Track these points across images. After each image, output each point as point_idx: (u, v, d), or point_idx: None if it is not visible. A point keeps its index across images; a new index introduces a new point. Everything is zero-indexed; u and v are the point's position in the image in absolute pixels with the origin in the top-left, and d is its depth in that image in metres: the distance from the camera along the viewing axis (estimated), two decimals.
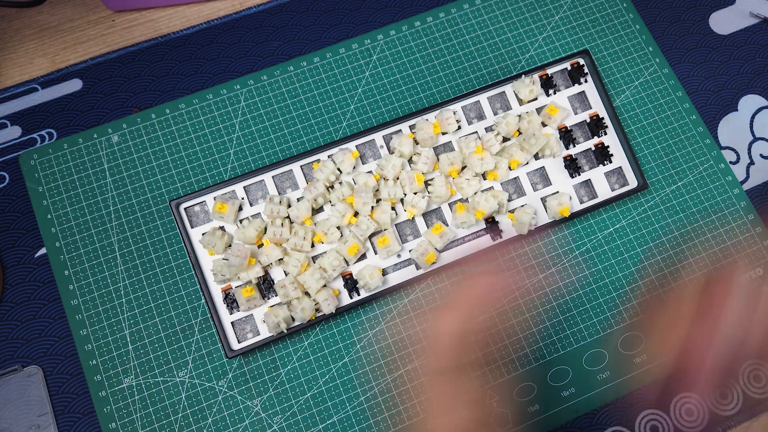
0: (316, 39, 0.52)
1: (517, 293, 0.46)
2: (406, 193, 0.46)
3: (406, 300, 0.47)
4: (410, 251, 0.46)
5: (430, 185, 0.46)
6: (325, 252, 0.45)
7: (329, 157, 0.47)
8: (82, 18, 0.52)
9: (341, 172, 0.46)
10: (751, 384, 0.46)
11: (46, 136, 0.49)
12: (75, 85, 0.50)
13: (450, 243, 0.46)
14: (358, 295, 0.45)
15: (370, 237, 0.46)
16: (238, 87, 0.50)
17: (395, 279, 0.46)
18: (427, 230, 0.46)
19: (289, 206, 0.45)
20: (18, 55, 0.51)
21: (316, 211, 0.46)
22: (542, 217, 0.47)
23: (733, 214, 0.50)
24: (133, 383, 0.44)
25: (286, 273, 0.44)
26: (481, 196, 0.45)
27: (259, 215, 0.46)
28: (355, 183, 0.46)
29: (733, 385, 0.46)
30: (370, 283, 0.44)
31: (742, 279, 0.38)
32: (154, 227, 0.47)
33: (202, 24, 0.52)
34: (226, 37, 0.52)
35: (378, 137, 0.48)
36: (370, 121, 0.50)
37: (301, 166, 0.47)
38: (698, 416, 0.45)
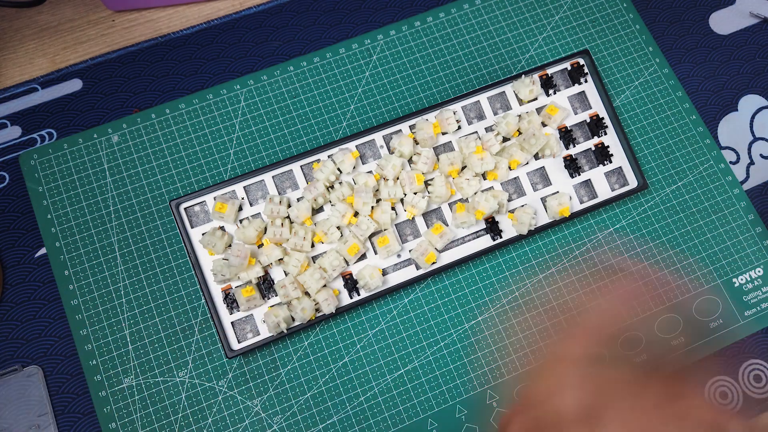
0: (316, 39, 0.52)
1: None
2: (406, 193, 0.46)
3: (406, 300, 0.47)
4: (410, 251, 0.46)
5: (430, 185, 0.46)
6: (325, 252, 0.45)
7: (329, 157, 0.47)
8: (82, 18, 0.52)
9: (341, 172, 0.46)
10: (751, 384, 0.46)
11: (46, 136, 0.49)
12: (75, 85, 0.50)
13: (450, 243, 0.46)
14: (358, 295, 0.45)
15: (370, 237, 0.46)
16: (238, 87, 0.50)
17: (395, 279, 0.46)
18: (427, 230, 0.46)
19: (289, 206, 0.45)
20: (18, 55, 0.51)
21: (316, 211, 0.46)
22: (542, 217, 0.47)
23: (733, 214, 0.50)
24: (133, 383, 0.44)
25: (286, 273, 0.44)
26: (481, 196, 0.45)
27: (259, 215, 0.46)
28: (355, 183, 0.46)
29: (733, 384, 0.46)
30: (370, 283, 0.44)
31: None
32: (154, 227, 0.47)
33: (202, 24, 0.52)
34: (226, 37, 0.52)
35: (378, 137, 0.48)
36: (370, 121, 0.50)
37: (301, 166, 0.47)
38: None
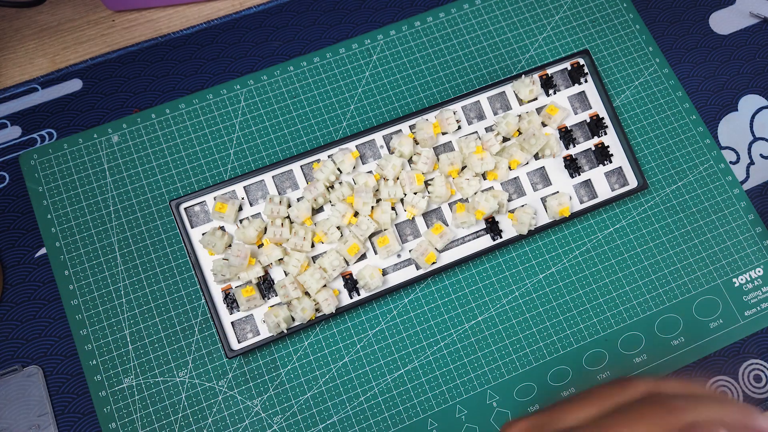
0: (316, 39, 0.52)
1: None
2: (406, 193, 0.46)
3: (406, 300, 0.47)
4: (410, 251, 0.46)
5: (430, 185, 0.46)
6: (325, 252, 0.45)
7: (329, 157, 0.47)
8: (82, 18, 0.52)
9: (341, 172, 0.46)
10: (751, 384, 0.46)
11: (46, 136, 0.49)
12: (75, 85, 0.50)
13: (450, 243, 0.46)
14: (358, 295, 0.45)
15: (370, 237, 0.46)
16: (238, 87, 0.50)
17: (395, 279, 0.46)
18: (427, 230, 0.46)
19: (289, 206, 0.45)
20: (18, 55, 0.51)
21: (316, 211, 0.46)
22: (542, 217, 0.47)
23: (733, 214, 0.50)
24: (133, 383, 0.44)
25: (286, 273, 0.44)
26: (481, 196, 0.45)
27: (259, 215, 0.46)
28: (355, 183, 0.46)
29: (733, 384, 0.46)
30: (370, 283, 0.44)
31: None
32: (154, 227, 0.47)
33: (202, 24, 0.52)
34: (226, 37, 0.52)
35: (378, 137, 0.48)
36: (370, 121, 0.50)
37: (301, 166, 0.47)
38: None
